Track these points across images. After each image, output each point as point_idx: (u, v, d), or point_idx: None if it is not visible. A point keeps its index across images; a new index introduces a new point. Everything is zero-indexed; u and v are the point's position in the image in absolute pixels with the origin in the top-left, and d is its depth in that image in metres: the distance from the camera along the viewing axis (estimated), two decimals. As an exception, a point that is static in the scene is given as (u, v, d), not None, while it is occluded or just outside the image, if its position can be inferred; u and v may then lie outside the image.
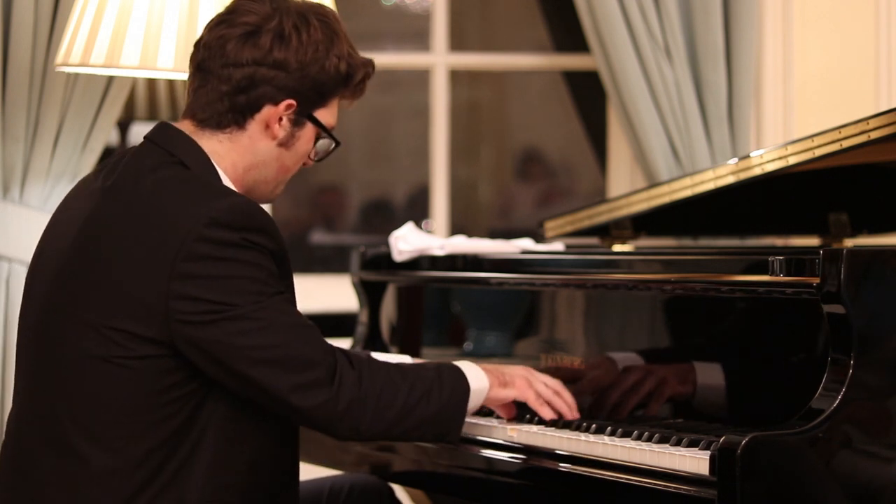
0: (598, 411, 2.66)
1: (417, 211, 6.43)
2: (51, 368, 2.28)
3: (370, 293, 3.31)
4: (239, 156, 2.38)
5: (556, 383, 2.58)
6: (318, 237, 7.16)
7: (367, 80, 2.47)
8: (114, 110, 3.78)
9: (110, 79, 3.73)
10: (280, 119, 2.37)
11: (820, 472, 2.19)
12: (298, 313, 2.30)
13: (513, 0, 7.01)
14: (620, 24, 4.13)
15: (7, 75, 3.66)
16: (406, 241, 3.15)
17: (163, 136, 2.36)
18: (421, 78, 4.85)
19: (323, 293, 4.30)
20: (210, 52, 2.36)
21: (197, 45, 2.39)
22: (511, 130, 7.52)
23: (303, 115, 2.39)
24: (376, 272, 3.28)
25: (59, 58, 3.24)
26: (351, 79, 2.43)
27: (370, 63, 2.46)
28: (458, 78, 5.15)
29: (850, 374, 2.24)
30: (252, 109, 2.36)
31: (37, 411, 2.29)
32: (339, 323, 3.66)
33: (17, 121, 3.67)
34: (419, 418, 2.34)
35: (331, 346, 2.31)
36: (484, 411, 2.66)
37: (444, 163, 4.60)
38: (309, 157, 2.46)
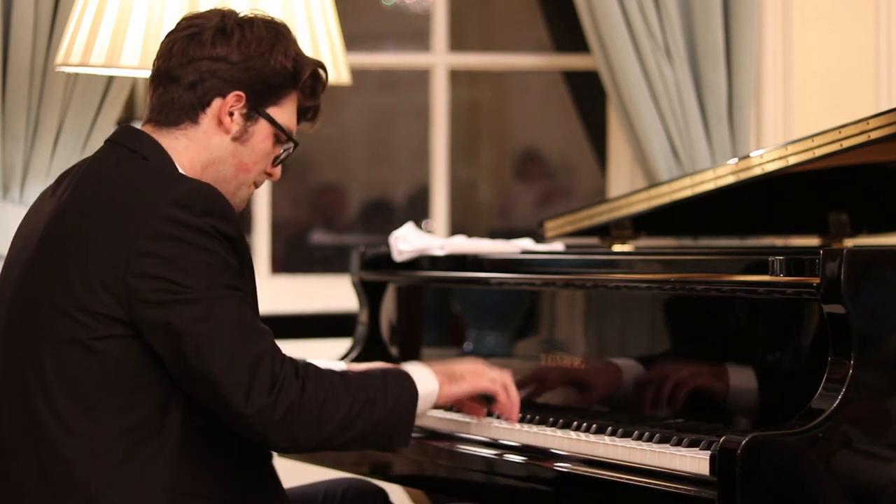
0: (610, 409, 2.67)
1: (417, 211, 6.42)
2: (24, 356, 2.30)
3: (370, 293, 3.31)
4: (196, 152, 2.42)
5: (505, 377, 2.55)
6: (318, 237, 7.16)
7: (320, 81, 2.51)
8: (114, 110, 3.78)
9: (110, 79, 3.74)
10: (231, 113, 2.42)
11: (820, 472, 2.19)
12: (250, 314, 2.29)
13: (513, 0, 7.01)
14: (620, 24, 4.13)
15: (7, 75, 3.66)
16: (406, 241, 3.15)
17: (124, 137, 2.43)
18: (421, 78, 4.85)
19: (323, 293, 4.30)
20: (160, 60, 2.44)
21: (154, 62, 2.47)
22: (511, 130, 7.52)
23: (254, 109, 2.43)
24: (376, 272, 3.28)
25: (59, 58, 3.25)
26: (298, 75, 2.46)
27: (320, 63, 2.51)
28: (458, 78, 5.15)
29: (850, 374, 2.24)
30: (202, 104, 2.41)
31: (12, 399, 2.31)
32: (339, 323, 3.66)
33: (17, 121, 3.67)
34: (362, 428, 2.32)
35: (279, 351, 2.29)
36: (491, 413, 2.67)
37: (444, 163, 4.60)
38: (272, 163, 2.49)
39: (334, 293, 4.20)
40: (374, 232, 7.00)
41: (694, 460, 2.26)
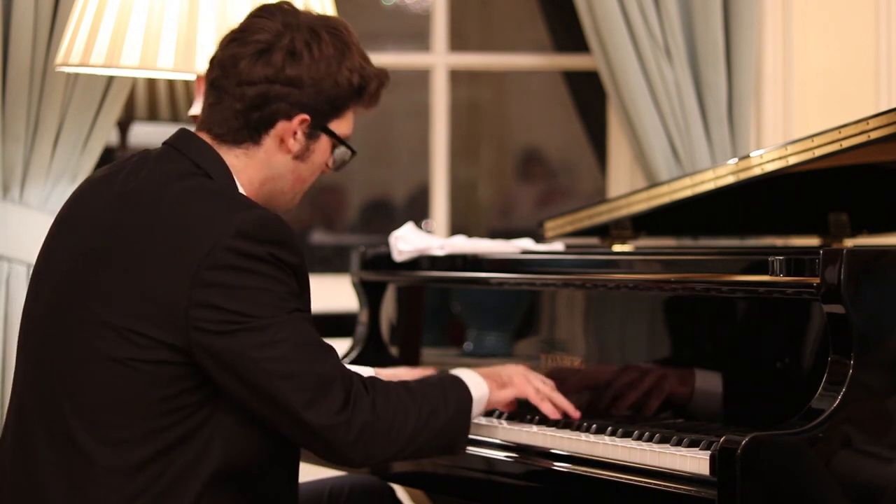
0: (597, 407, 2.67)
1: (417, 211, 6.43)
2: (58, 366, 2.28)
3: (370, 293, 3.31)
4: (255, 171, 2.40)
5: (550, 384, 2.61)
6: (318, 237, 7.16)
7: (382, 89, 2.49)
8: (114, 110, 3.78)
9: (110, 79, 3.74)
10: (294, 133, 2.39)
11: (820, 472, 2.19)
12: (316, 333, 2.29)
13: (513, 0, 7.01)
14: (620, 24, 4.13)
15: (7, 75, 3.66)
16: (406, 241, 3.15)
17: (186, 145, 2.38)
18: (421, 78, 4.85)
19: (323, 293, 4.28)
20: (223, 70, 2.38)
21: (211, 62, 2.42)
22: (511, 130, 7.52)
23: (317, 128, 2.41)
24: (376, 272, 3.28)
25: (59, 58, 3.24)
26: (364, 90, 2.45)
27: (384, 73, 2.48)
28: (458, 78, 5.15)
29: (850, 374, 2.24)
30: (266, 125, 2.38)
31: (41, 409, 2.29)
32: (339, 323, 3.66)
33: (17, 121, 3.67)
34: (428, 437, 2.36)
35: (347, 368, 2.30)
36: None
37: (444, 163, 4.60)
38: (326, 165, 2.48)
39: (334, 293, 4.20)
40: (374, 232, 7.00)
41: (694, 460, 2.26)
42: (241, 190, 2.37)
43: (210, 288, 2.20)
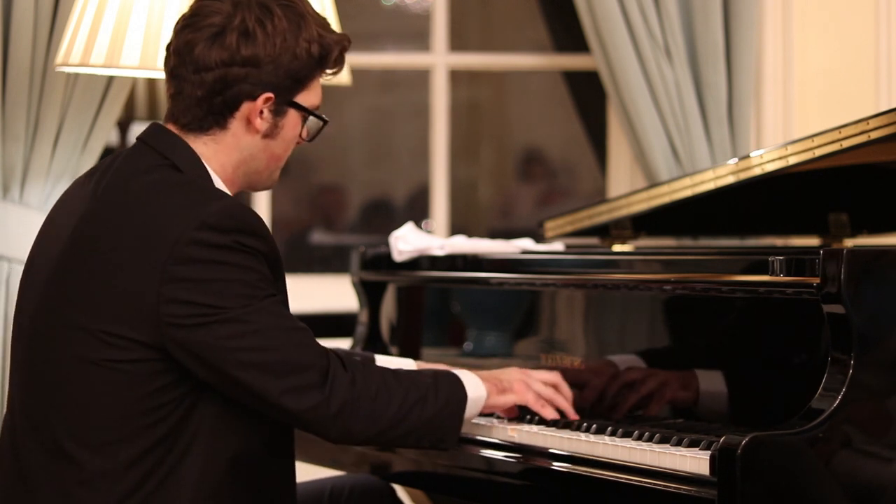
0: (597, 409, 2.67)
1: (417, 211, 6.42)
2: (42, 372, 2.28)
3: (370, 293, 3.31)
4: (226, 155, 2.37)
5: (553, 377, 2.59)
6: (318, 237, 7.15)
7: (345, 52, 2.44)
8: (114, 110, 3.78)
9: (110, 79, 3.74)
10: (261, 113, 2.36)
11: (820, 472, 2.19)
12: (290, 316, 2.28)
13: (513, 0, 7.01)
14: (620, 24, 4.13)
15: (7, 75, 3.66)
16: (406, 241, 3.15)
17: (156, 138, 2.36)
18: (421, 78, 4.85)
19: (323, 293, 4.30)
20: (180, 58, 2.35)
21: (167, 50, 2.39)
22: (511, 130, 7.52)
23: (283, 103, 2.38)
24: (376, 272, 3.28)
25: (59, 58, 3.25)
26: (326, 59, 2.40)
27: (344, 38, 2.43)
28: (458, 78, 5.15)
29: (850, 374, 2.24)
30: (230, 109, 2.35)
31: (29, 414, 2.29)
32: (339, 323, 3.66)
33: (17, 121, 3.67)
34: (413, 424, 2.34)
35: (323, 347, 2.30)
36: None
37: (444, 163, 4.60)
38: (301, 136, 2.44)
39: (334, 293, 4.20)
40: (374, 232, 7.00)
41: (694, 460, 2.26)
42: (214, 177, 2.36)
43: (178, 283, 2.19)
